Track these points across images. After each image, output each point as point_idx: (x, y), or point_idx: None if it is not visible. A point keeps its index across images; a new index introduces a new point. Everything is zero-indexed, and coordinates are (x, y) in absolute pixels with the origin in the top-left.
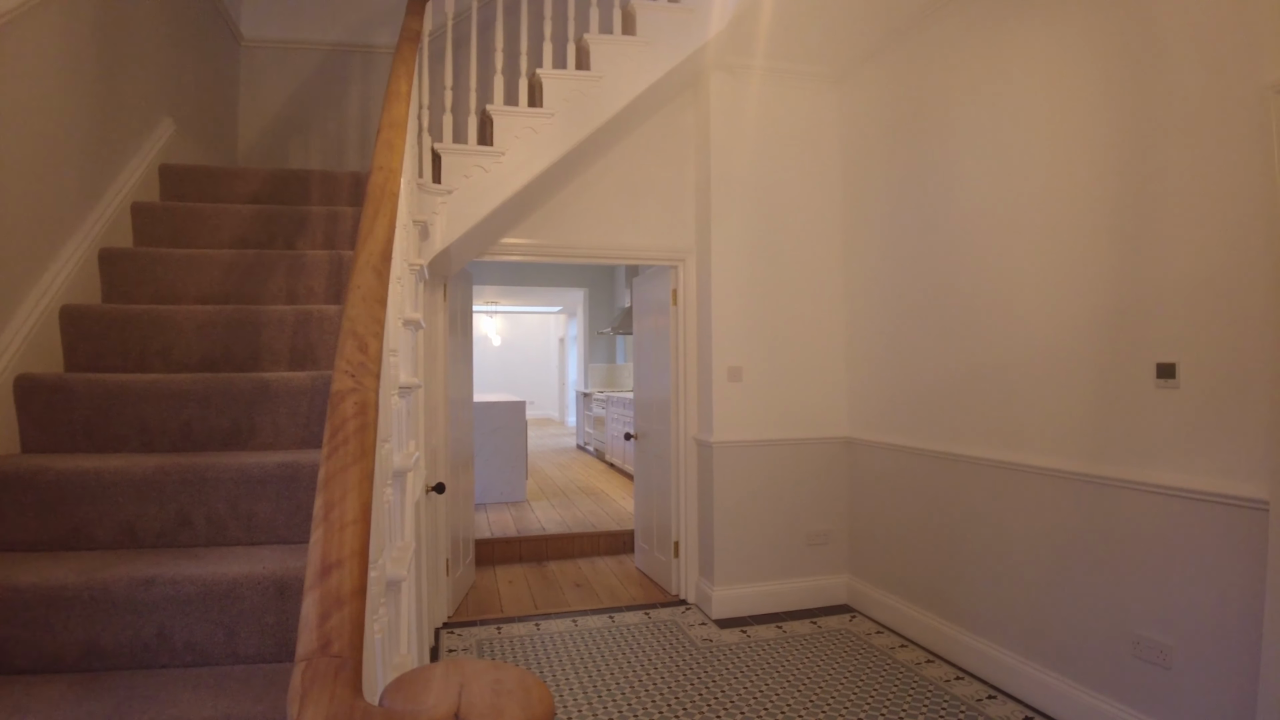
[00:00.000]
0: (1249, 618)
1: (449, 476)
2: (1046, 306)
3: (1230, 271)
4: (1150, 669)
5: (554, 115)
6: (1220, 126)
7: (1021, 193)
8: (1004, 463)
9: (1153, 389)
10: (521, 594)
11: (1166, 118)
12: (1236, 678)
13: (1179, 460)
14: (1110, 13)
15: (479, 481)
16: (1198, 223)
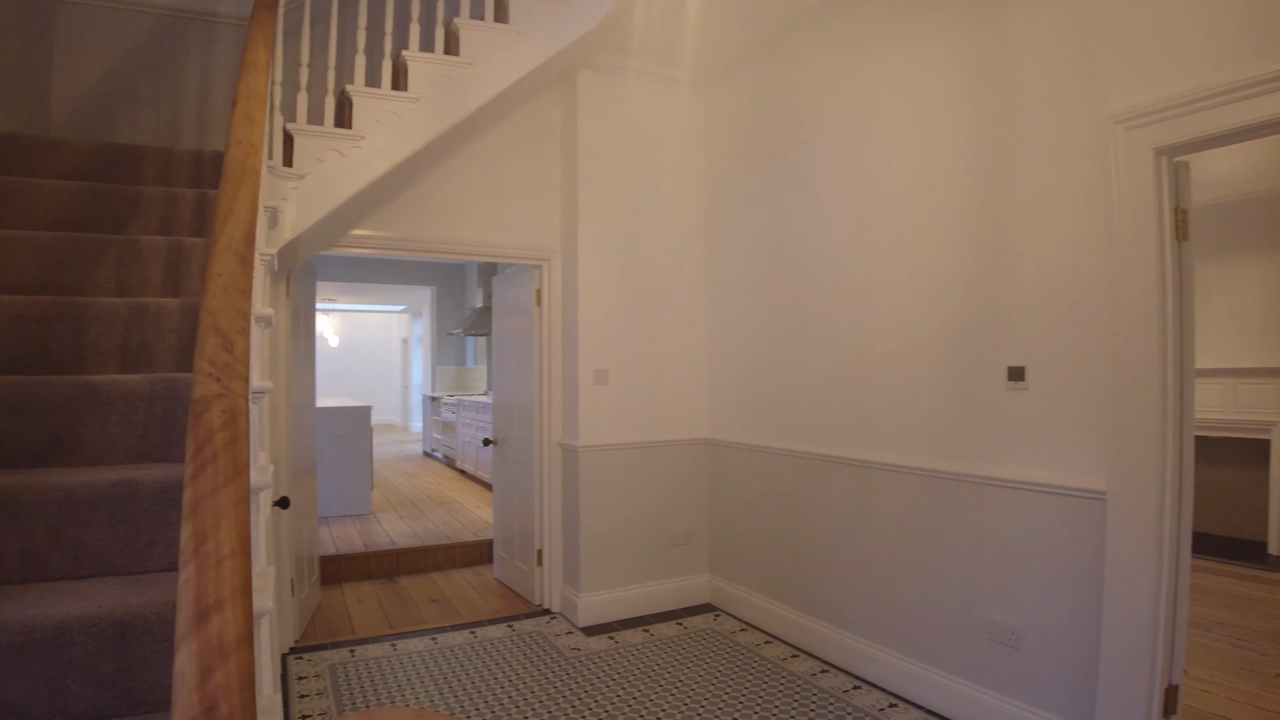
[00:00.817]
0: (1091, 600)
1: (291, 489)
2: (904, 312)
3: (1073, 283)
4: (1003, 650)
5: (419, 100)
6: (1067, 150)
7: (882, 204)
8: (862, 461)
9: (1004, 390)
10: (374, 613)
11: (1020, 139)
12: (1080, 655)
13: (1027, 456)
14: (970, 37)
15: (320, 493)
16: (1045, 237)
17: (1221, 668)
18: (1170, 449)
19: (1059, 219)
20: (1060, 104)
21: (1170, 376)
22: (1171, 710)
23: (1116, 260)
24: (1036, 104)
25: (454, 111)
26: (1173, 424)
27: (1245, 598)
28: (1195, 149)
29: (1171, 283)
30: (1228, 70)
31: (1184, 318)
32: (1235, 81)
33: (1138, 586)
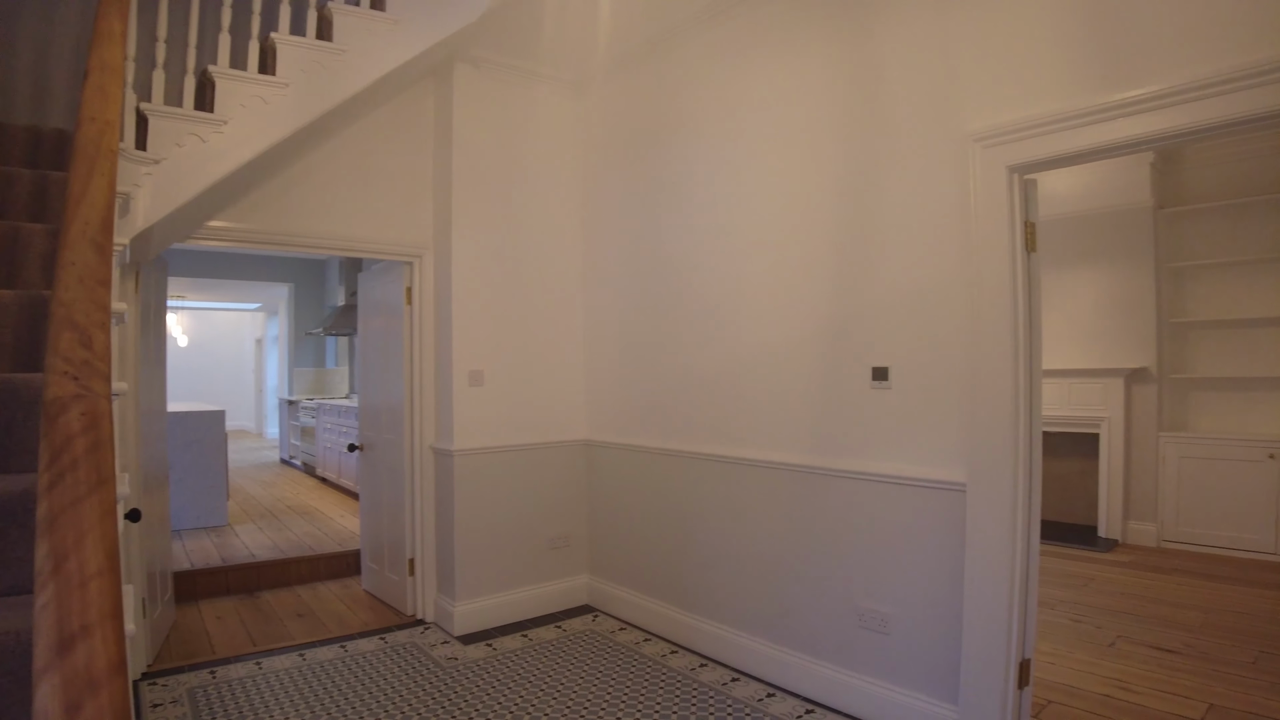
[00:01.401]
0: (953, 585)
1: (142, 500)
2: (775, 315)
3: (933, 289)
4: (873, 636)
5: (288, 86)
6: (930, 164)
7: (754, 210)
8: (736, 459)
9: (869, 390)
10: (235, 631)
11: (887, 152)
12: (944, 637)
13: (892, 451)
14: (843, 53)
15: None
16: (908, 246)
17: (1064, 641)
18: (1022, 443)
19: (921, 229)
20: (925, 121)
21: (1021, 376)
22: (1025, 682)
23: (973, 268)
24: (903, 120)
25: (325, 99)
26: (1024, 420)
27: (1081, 577)
28: (1044, 168)
29: (1022, 290)
30: (1075, 97)
31: (1033, 322)
32: (1081, 109)
33: (994, 571)
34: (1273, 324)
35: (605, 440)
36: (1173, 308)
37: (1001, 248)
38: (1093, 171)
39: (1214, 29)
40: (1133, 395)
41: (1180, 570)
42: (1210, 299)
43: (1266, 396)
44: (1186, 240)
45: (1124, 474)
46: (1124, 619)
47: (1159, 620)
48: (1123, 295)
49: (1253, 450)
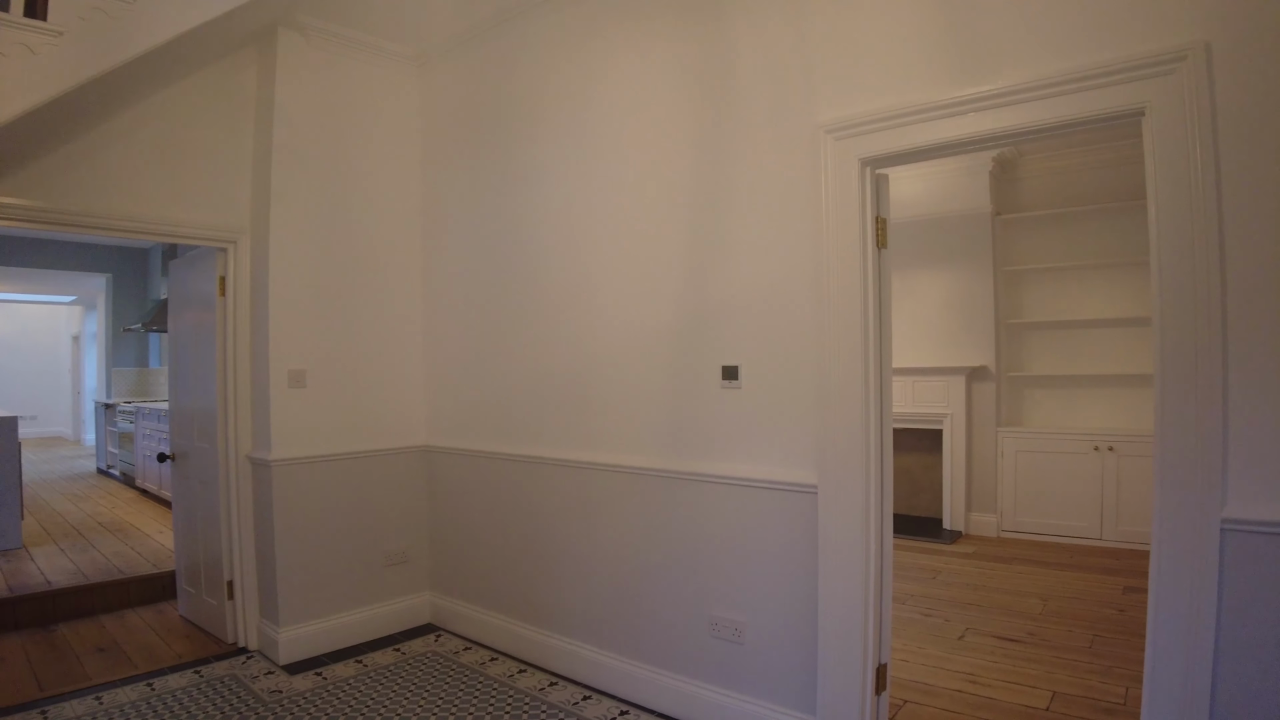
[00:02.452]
0: (807, 590)
1: None
2: (625, 311)
3: (784, 285)
4: (727, 646)
5: (63, 35)
6: (783, 156)
7: (606, 202)
8: (585, 463)
9: (719, 389)
10: (19, 674)
11: (741, 142)
12: (800, 644)
13: (744, 453)
14: (698, 40)
15: None
16: (760, 240)
17: (915, 637)
18: (873, 443)
19: (773, 223)
20: (778, 111)
21: (871, 375)
22: (882, 687)
23: (823, 264)
24: (757, 109)
25: (110, 55)
26: (874, 419)
27: (928, 569)
28: (896, 162)
29: (872, 286)
30: (928, 91)
31: (882, 319)
32: (933, 102)
33: (848, 574)
34: (1098, 325)
35: (447, 446)
36: (1009, 309)
37: (852, 243)
38: (937, 177)
39: (1062, 28)
40: (973, 392)
41: (1020, 559)
42: (1043, 301)
43: (1092, 393)
44: (1022, 245)
45: (966, 468)
46: (971, 611)
47: (1003, 610)
48: (964, 297)
49: (1080, 443)
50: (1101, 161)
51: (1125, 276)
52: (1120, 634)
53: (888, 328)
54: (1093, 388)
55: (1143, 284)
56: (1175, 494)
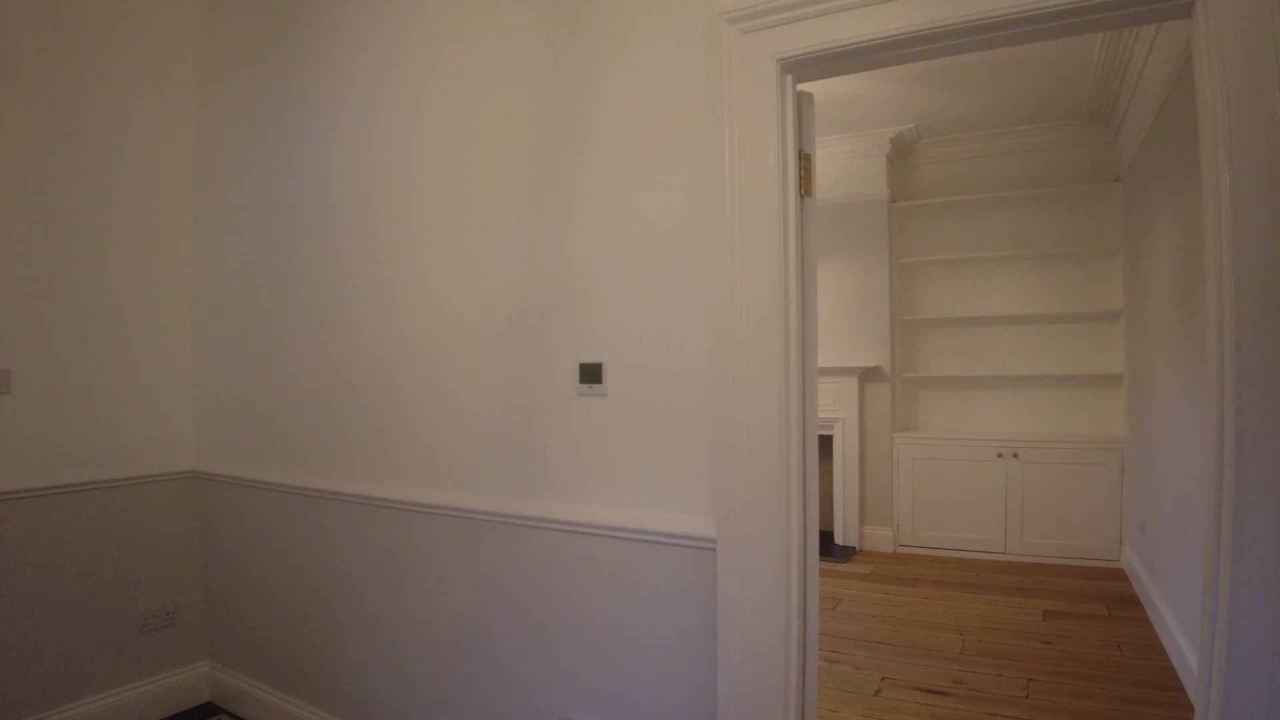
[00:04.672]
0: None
1: None
2: (451, 290)
3: (669, 247)
4: None
5: None
6: (666, 63)
7: (423, 137)
8: (395, 501)
9: (575, 398)
10: None
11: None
12: None
13: (611, 488)
14: None
15: None
16: (635, 185)
17: (826, 692)
18: (794, 472)
19: (653, 159)
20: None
21: (793, 376)
22: None
23: (725, 218)
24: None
25: None
26: (796, 439)
27: (827, 597)
28: (827, 68)
29: (794, 249)
30: None
31: (806, 297)
32: None
33: (760, 662)
34: (1000, 323)
35: (223, 473)
36: (904, 304)
37: (766, 187)
38: (831, 160)
39: None
40: (866, 395)
41: (923, 579)
42: (940, 296)
43: (993, 395)
44: (918, 236)
45: (860, 477)
46: (883, 653)
47: (919, 650)
48: (857, 291)
49: (981, 449)
50: (1003, 148)
51: (1028, 270)
52: (1055, 675)
53: (812, 309)
54: (994, 389)
55: (1047, 278)
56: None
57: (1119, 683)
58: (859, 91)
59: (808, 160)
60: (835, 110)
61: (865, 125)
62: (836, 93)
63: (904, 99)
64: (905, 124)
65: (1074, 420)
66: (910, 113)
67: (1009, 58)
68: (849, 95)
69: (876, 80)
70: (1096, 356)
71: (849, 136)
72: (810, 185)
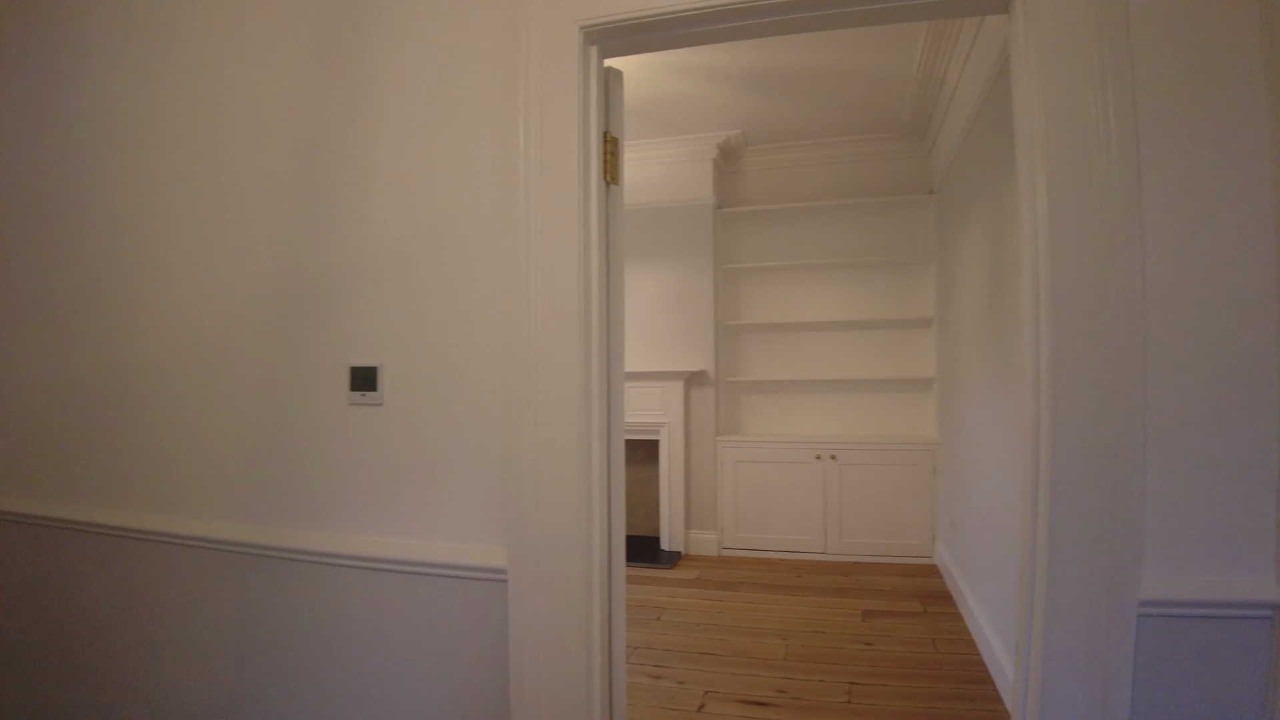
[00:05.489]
0: None
1: None
2: (195, 284)
3: (455, 234)
4: None
5: None
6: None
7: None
8: (137, 531)
9: (346, 408)
10: None
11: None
12: None
13: (390, 512)
14: None
15: None
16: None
17: (645, 711)
18: (597, 478)
19: (437, 135)
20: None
21: (596, 383)
22: None
23: (519, 205)
24: None
25: None
26: (599, 446)
27: (651, 606)
28: (638, 40)
29: (598, 240)
30: None
31: (612, 295)
32: None
33: (559, 687)
34: (818, 328)
35: None
36: (728, 310)
37: (567, 170)
38: (657, 164)
39: None
40: (692, 399)
41: (747, 583)
42: (762, 302)
43: (813, 399)
44: (742, 242)
45: (685, 481)
46: (707, 663)
47: (742, 658)
48: (683, 295)
49: (801, 452)
50: (827, 158)
51: (847, 278)
52: (876, 677)
53: (619, 307)
54: (813, 393)
55: (865, 286)
56: (1078, 571)
57: (935, 679)
58: (687, 92)
59: (615, 144)
60: (663, 110)
61: (693, 128)
62: (664, 92)
63: (732, 103)
64: (733, 129)
65: (889, 422)
66: (738, 118)
67: (834, 68)
68: (677, 96)
69: (704, 81)
70: (910, 361)
71: (676, 139)
72: (617, 171)
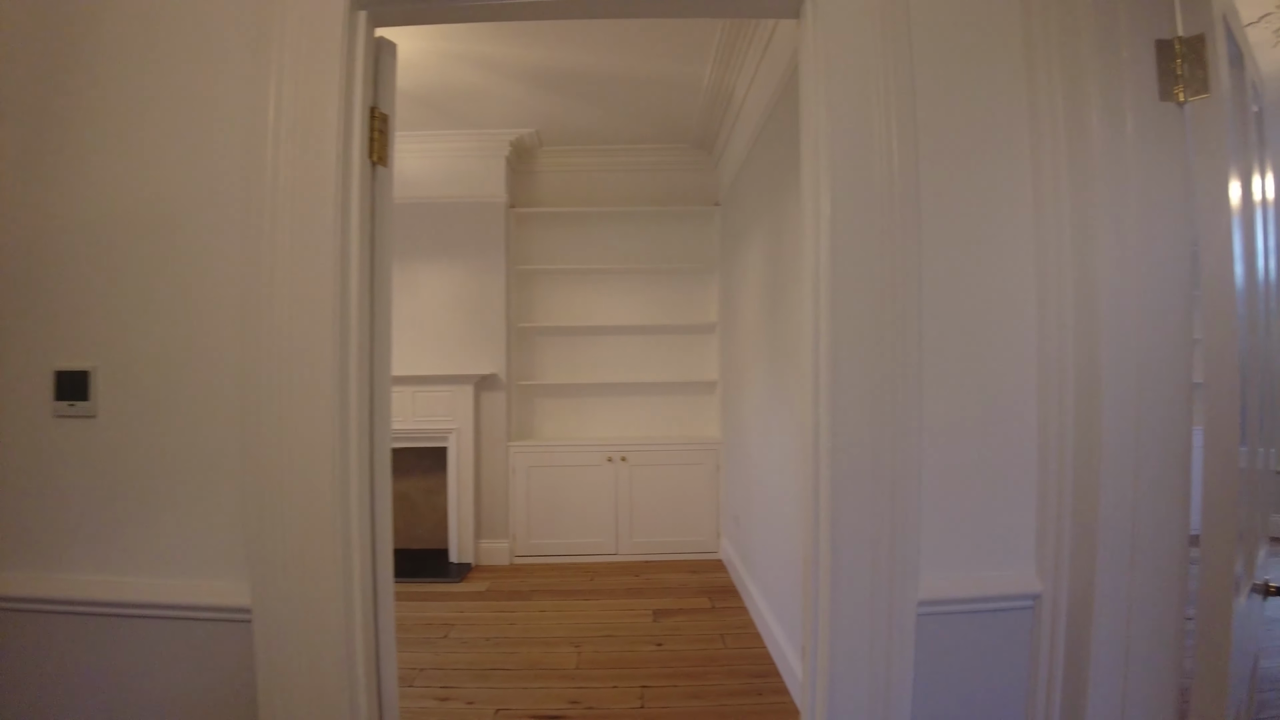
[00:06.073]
0: None
1: None
2: None
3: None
4: None
5: None
6: None
7: None
8: None
9: (50, 420)
10: None
11: None
12: None
13: (108, 545)
14: None
15: None
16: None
17: None
18: (356, 495)
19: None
20: None
21: (355, 382)
22: None
23: (266, 180)
24: None
25: None
26: (358, 459)
27: (438, 623)
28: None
29: (359, 227)
30: None
31: (377, 289)
32: None
33: None
34: (610, 332)
35: None
36: (520, 312)
37: (324, 146)
38: (447, 157)
39: None
40: (482, 403)
41: (540, 590)
42: (555, 305)
43: (604, 402)
44: (535, 243)
45: (475, 489)
46: (497, 679)
47: (534, 670)
48: (473, 296)
49: (592, 454)
50: (620, 164)
51: (637, 283)
52: (668, 678)
53: (385, 303)
54: (605, 396)
55: (654, 292)
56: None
57: (724, 676)
58: (481, 85)
59: (385, 121)
60: (456, 102)
61: (487, 123)
62: (458, 82)
63: (526, 101)
64: (527, 128)
65: (677, 424)
66: (532, 117)
67: (627, 74)
68: (471, 88)
69: (498, 76)
70: (696, 365)
71: (470, 133)
72: (385, 152)
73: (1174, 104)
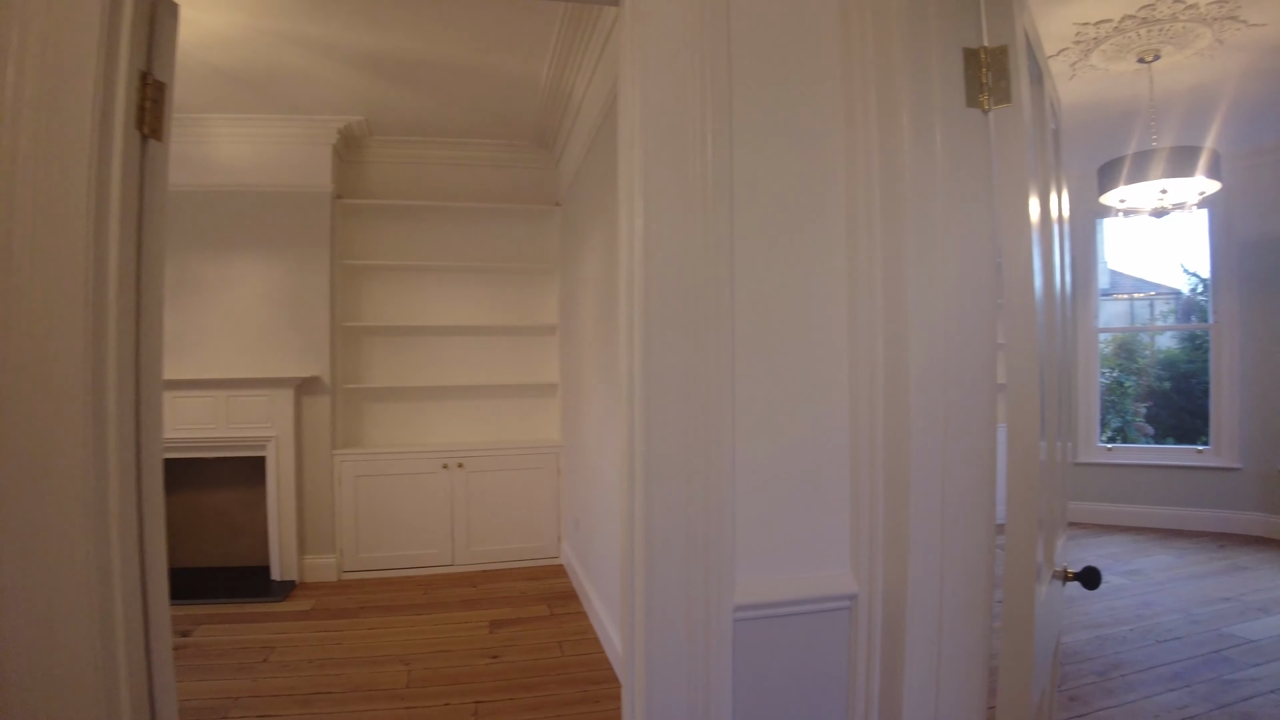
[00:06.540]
0: None
1: None
2: None
3: None
4: None
5: None
6: None
7: None
8: None
9: None
10: None
11: None
12: None
13: None
14: None
15: None
16: None
17: None
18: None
19: None
20: None
21: (114, 391)
22: None
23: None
24: None
25: None
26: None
27: (258, 648)
28: None
29: (121, 207)
30: None
31: (146, 282)
32: None
33: None
34: (445, 333)
35: None
36: (347, 310)
37: (77, 112)
38: (268, 142)
39: None
40: (304, 409)
41: (370, 607)
42: (385, 304)
43: (439, 406)
44: (364, 238)
45: (297, 501)
46: (320, 705)
47: (361, 693)
48: (294, 292)
49: (426, 462)
50: (457, 159)
51: (475, 283)
52: (503, 692)
53: (156, 297)
54: (441, 400)
55: (492, 292)
56: (675, 582)
57: (561, 685)
58: (305, 68)
59: (160, 90)
60: (277, 85)
61: (311, 109)
62: (278, 63)
63: (354, 86)
64: (355, 115)
65: (516, 428)
66: (361, 104)
67: (461, 64)
68: (294, 70)
69: (323, 58)
70: (536, 367)
71: (292, 119)
72: (160, 124)
73: (979, 110)
